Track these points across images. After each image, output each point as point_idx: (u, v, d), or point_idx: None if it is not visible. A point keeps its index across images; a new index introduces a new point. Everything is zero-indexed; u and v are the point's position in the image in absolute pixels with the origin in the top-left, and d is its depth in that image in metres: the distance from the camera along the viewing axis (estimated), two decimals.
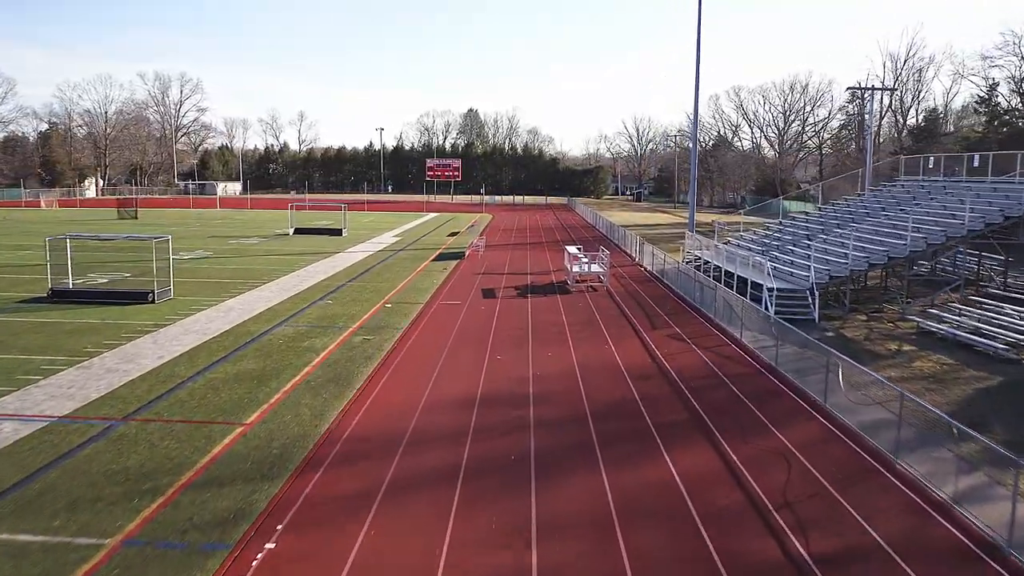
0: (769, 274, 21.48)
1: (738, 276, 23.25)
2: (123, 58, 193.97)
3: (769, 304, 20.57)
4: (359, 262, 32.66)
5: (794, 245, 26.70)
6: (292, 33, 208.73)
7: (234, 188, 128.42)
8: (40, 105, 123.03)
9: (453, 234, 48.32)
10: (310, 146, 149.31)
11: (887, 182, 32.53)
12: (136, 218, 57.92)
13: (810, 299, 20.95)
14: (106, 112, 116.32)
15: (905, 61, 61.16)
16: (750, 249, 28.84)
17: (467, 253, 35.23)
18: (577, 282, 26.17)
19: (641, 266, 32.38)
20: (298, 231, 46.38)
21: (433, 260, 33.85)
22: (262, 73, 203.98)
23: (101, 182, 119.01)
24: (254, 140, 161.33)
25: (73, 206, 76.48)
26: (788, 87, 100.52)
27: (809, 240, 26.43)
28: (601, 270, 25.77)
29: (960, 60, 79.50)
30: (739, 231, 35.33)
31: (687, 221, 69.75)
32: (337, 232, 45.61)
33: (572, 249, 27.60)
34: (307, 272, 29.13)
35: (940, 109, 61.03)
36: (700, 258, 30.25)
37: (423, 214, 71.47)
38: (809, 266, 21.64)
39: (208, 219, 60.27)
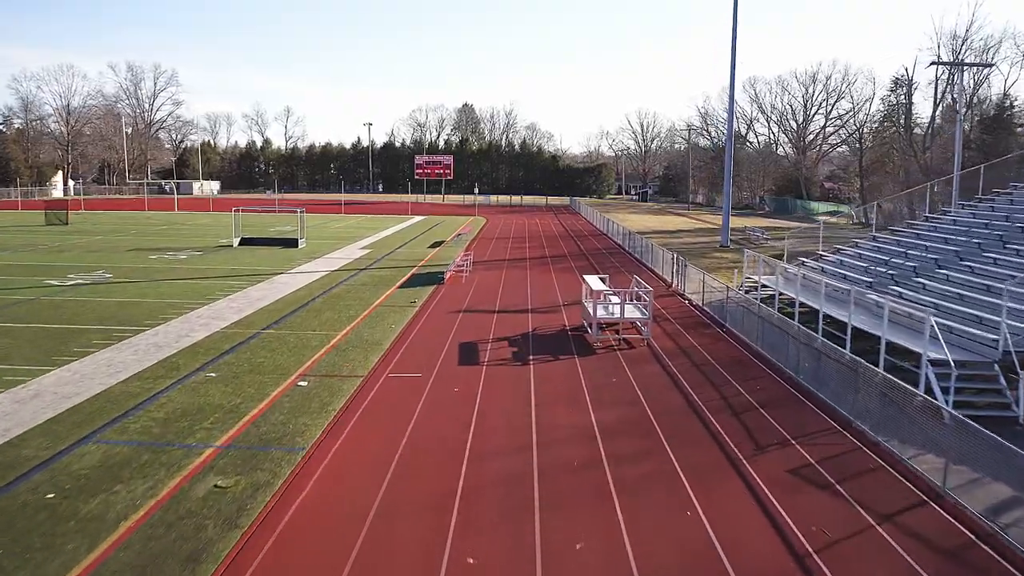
0: (937, 337, 12.85)
1: (852, 328, 14.77)
2: (118, 56, 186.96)
3: (937, 389, 12.09)
4: (300, 290, 24.09)
5: (919, 276, 18.18)
6: (283, 30, 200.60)
7: (211, 187, 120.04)
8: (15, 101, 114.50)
9: (436, 244, 39.78)
10: (295, 143, 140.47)
11: (1018, 183, 24.02)
12: (66, 224, 49.26)
13: (1003, 380, 12.47)
14: (68, 105, 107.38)
15: (964, 41, 52.70)
16: (845, 277, 20.38)
17: (447, 276, 26.66)
18: (601, 328, 17.59)
19: (682, 296, 23.83)
20: (245, 242, 37.81)
21: (401, 286, 25.30)
22: (253, 72, 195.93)
23: (72, 182, 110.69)
24: (239, 137, 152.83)
25: (13, 208, 67.72)
26: (810, 77, 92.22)
27: (944, 269, 17.91)
28: (641, 316, 17.18)
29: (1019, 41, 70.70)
30: (797, 244, 26.83)
31: (711, 226, 60.94)
32: (292, 243, 37.05)
33: (594, 282, 18.93)
34: (216, 310, 20.57)
35: (1008, 96, 52.62)
36: (765, 285, 21.93)
37: (407, 218, 62.89)
38: (998, 322, 13.08)
39: (151, 225, 51.64)
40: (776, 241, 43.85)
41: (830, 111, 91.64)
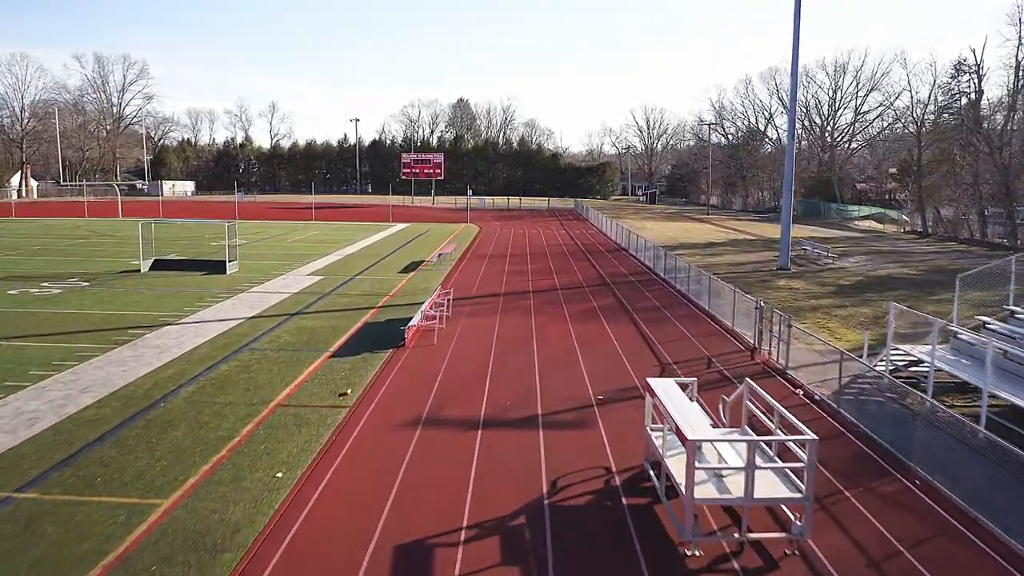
0: None
1: None
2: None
3: None
4: (169, 365, 15.07)
5: None
6: (282, 30, 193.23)
7: (185, 188, 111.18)
8: None
9: (412, 267, 30.80)
10: (280, 140, 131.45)
11: None
12: None
13: None
14: (22, 98, 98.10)
15: None
16: None
17: (411, 331, 17.58)
18: (693, 512, 8.52)
19: (783, 375, 14.80)
20: (158, 265, 28.74)
21: (338, 352, 16.30)
22: (253, 72, 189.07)
23: (35, 182, 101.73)
24: (224, 135, 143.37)
25: None
26: (840, 67, 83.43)
27: None
28: (795, 496, 7.97)
29: None
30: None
31: (747, 237, 50.83)
32: (219, 267, 28.02)
33: (672, 398, 9.38)
34: None
35: None
36: (920, 361, 13.25)
37: (387, 226, 53.89)
38: None
39: (70, 237, 42.56)
40: (846, 260, 34.98)
41: (860, 104, 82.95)
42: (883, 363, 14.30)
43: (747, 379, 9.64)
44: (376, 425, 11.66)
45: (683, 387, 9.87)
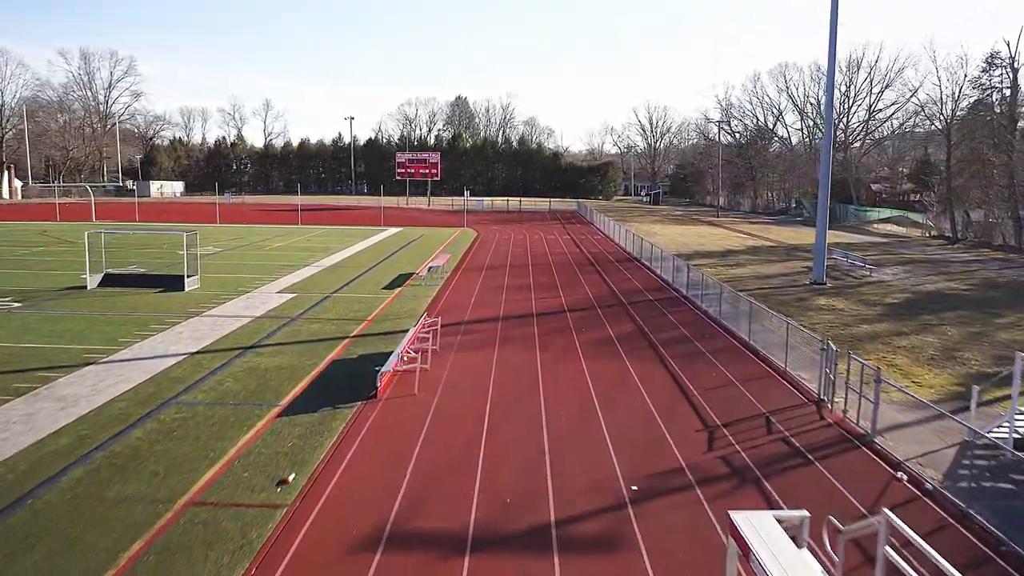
0: None
1: None
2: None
3: None
4: (71, 427, 11.54)
5: None
6: (283, 30, 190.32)
7: (174, 188, 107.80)
8: None
9: (400, 281, 27.30)
10: (273, 140, 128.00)
11: None
12: None
13: None
14: (2, 95, 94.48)
15: None
16: None
17: (385, 376, 14.03)
18: None
19: (867, 442, 11.29)
20: (109, 280, 25.22)
21: (291, 407, 12.78)
22: (253, 72, 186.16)
23: (18, 183, 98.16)
24: (218, 134, 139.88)
25: None
26: (853, 62, 79.92)
27: None
28: None
29: None
30: None
31: (767, 243, 46.43)
32: (177, 283, 24.51)
33: (777, 555, 6.13)
34: None
35: None
36: None
37: (378, 231, 50.36)
38: None
39: (29, 244, 39.01)
40: (883, 272, 31.48)
41: (875, 102, 79.44)
42: (1005, 429, 10.84)
43: (885, 511, 6.13)
44: (319, 545, 8.16)
45: (780, 520, 6.36)
